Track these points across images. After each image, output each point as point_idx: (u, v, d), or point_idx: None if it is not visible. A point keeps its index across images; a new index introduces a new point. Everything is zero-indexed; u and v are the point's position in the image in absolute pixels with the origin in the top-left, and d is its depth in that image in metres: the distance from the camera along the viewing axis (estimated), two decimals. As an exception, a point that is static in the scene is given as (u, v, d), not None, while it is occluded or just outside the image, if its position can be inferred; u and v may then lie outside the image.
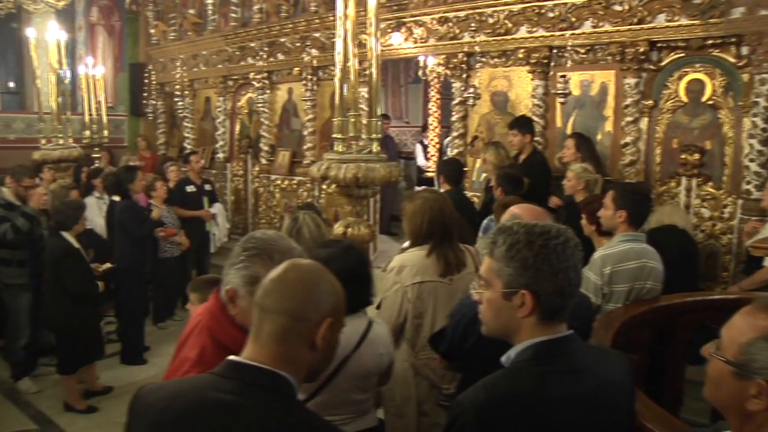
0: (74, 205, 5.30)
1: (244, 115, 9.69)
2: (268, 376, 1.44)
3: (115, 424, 5.03)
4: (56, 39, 6.50)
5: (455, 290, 3.16)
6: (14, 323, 5.62)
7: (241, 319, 1.81)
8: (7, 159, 9.56)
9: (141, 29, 11.99)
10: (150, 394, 1.52)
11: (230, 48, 9.61)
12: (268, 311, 1.48)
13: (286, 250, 1.82)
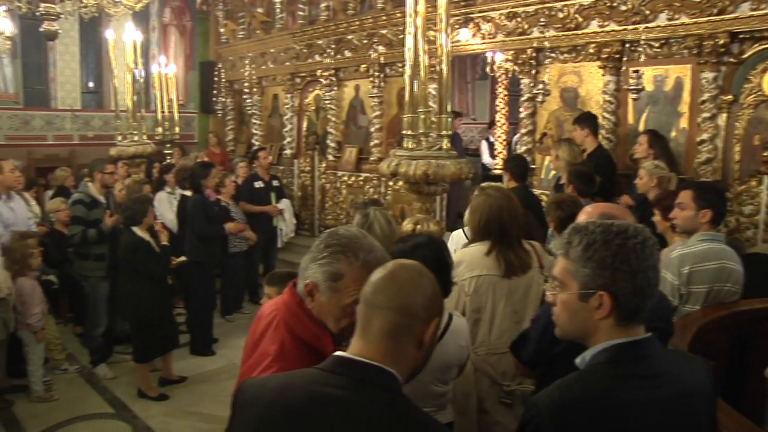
0: (141, 200, 5.47)
1: (312, 112, 9.81)
2: (377, 373, 1.44)
3: (186, 412, 5.20)
4: (132, 40, 6.70)
5: (516, 286, 3.12)
6: (93, 312, 5.86)
7: (318, 313, 1.82)
8: (86, 155, 10.00)
9: (211, 29, 12.30)
10: (255, 388, 1.53)
11: (298, 45, 9.74)
12: (379, 308, 1.48)
13: (370, 248, 1.82)
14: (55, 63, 10.97)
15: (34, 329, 5.26)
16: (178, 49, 12.34)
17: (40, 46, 10.84)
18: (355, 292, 1.74)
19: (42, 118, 10.79)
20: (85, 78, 11.58)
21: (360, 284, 1.72)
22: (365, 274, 1.72)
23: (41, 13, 4.74)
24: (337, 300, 1.79)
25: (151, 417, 5.11)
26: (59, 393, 5.47)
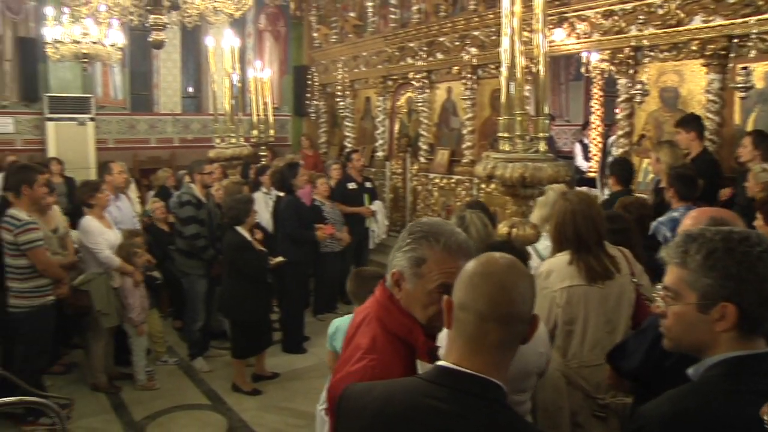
0: (244, 200, 5.64)
1: (404, 114, 9.87)
2: (482, 384, 1.42)
3: (278, 407, 5.34)
4: (231, 46, 6.93)
5: (607, 295, 3.02)
6: (192, 308, 6.11)
7: (406, 303, 1.82)
8: (186, 157, 10.44)
9: (304, 33, 12.58)
10: (358, 397, 1.55)
11: (390, 48, 9.82)
12: (489, 320, 1.44)
13: (450, 232, 1.82)
14: (158, 70, 11.53)
15: (134, 323, 5.56)
16: (273, 54, 12.69)
17: (145, 55, 11.44)
18: (438, 276, 1.75)
19: (146, 122, 11.38)
20: (185, 83, 12.10)
21: (443, 268, 1.75)
22: (447, 258, 1.75)
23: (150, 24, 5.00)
24: (422, 286, 1.78)
25: (244, 410, 5.28)
26: (160, 383, 5.74)
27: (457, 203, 8.49)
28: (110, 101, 11.04)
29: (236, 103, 6.89)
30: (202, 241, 5.94)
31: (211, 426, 5.05)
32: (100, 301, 5.33)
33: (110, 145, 10.85)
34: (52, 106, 10.11)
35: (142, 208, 7.63)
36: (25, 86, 10.28)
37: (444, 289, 1.73)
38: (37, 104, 10.30)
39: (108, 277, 5.41)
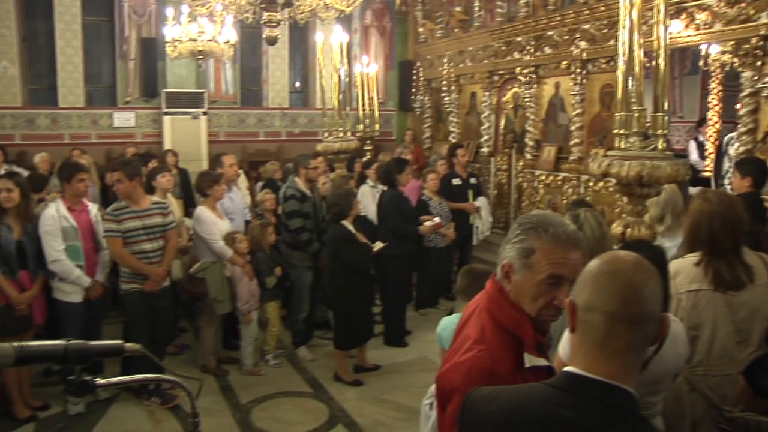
0: (345, 194, 5.71)
1: (509, 110, 9.72)
2: (615, 393, 1.36)
3: (378, 399, 5.39)
4: (339, 42, 7.05)
5: (739, 304, 2.83)
6: (297, 299, 6.25)
7: (515, 295, 1.81)
8: (292, 150, 10.73)
9: (410, 29, 12.61)
10: (483, 405, 1.51)
11: (496, 43, 9.68)
12: (619, 320, 1.37)
13: (559, 223, 1.79)
14: (267, 66, 11.90)
15: (242, 311, 5.76)
16: (378, 50, 12.81)
17: (255, 52, 11.83)
18: (547, 267, 1.73)
19: (255, 116, 11.78)
20: (293, 79, 12.43)
21: (551, 258, 1.73)
22: (556, 248, 1.72)
23: (264, 21, 5.16)
24: (532, 277, 1.76)
25: (345, 400, 5.37)
26: (265, 369, 5.95)
27: (563, 201, 8.29)
28: (222, 96, 11.52)
29: (344, 97, 7.00)
30: (306, 235, 6.07)
31: (312, 413, 5.17)
32: (214, 289, 5.58)
33: (221, 138, 11.32)
34: (168, 101, 10.67)
35: (251, 200, 7.90)
36: (146, 83, 10.90)
37: (553, 279, 1.72)
38: (155, 100, 10.90)
39: (222, 266, 5.65)
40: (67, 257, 4.91)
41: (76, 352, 1.65)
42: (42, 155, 8.53)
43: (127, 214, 5.06)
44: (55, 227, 4.89)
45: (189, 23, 8.24)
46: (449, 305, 7.69)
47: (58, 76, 10.62)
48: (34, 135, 10.40)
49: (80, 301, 5.04)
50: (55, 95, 10.68)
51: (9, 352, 1.57)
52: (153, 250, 5.15)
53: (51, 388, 5.39)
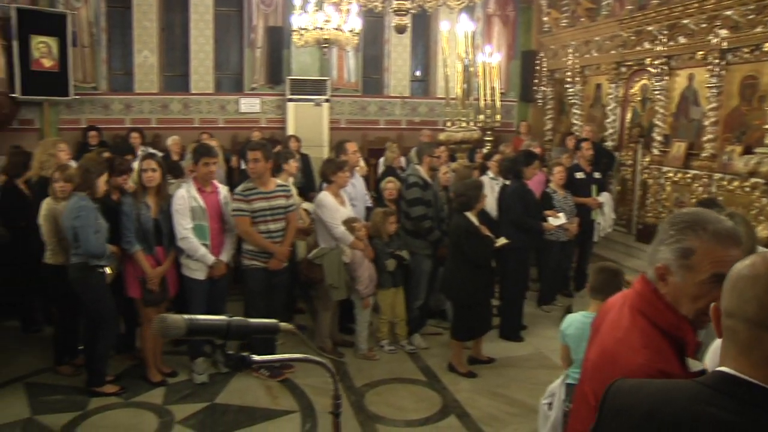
0: (475, 185, 5.66)
1: (637, 103, 9.30)
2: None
3: (492, 392, 5.32)
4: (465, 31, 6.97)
5: None
6: (415, 286, 6.26)
7: (673, 297, 1.72)
8: (412, 138, 10.80)
9: (534, 18, 12.35)
10: (628, 394, 1.47)
11: (625, 33, 9.28)
12: (760, 327, 1.29)
13: (716, 219, 1.69)
14: (389, 54, 12.00)
15: (360, 295, 5.84)
16: (501, 39, 12.60)
17: (377, 40, 11.94)
18: (709, 266, 1.64)
19: (376, 104, 11.93)
20: (414, 67, 12.46)
21: (713, 257, 1.64)
22: (717, 246, 1.63)
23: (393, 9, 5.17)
24: (692, 278, 1.67)
25: (459, 391, 5.34)
26: (379, 354, 6.02)
27: (691, 200, 7.85)
28: (344, 84, 11.75)
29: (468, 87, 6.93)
30: (427, 223, 6.06)
31: (425, 401, 5.18)
32: (331, 275, 5.69)
33: (342, 125, 11.55)
34: (292, 88, 10.99)
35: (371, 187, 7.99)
36: (271, 70, 11.28)
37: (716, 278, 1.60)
38: (280, 86, 11.28)
39: (340, 252, 5.75)
40: (195, 236, 5.18)
41: (237, 329, 1.74)
42: (174, 138, 9.02)
43: (256, 194, 5.28)
44: (184, 206, 5.17)
45: (316, 12, 8.40)
46: (566, 302, 7.51)
47: (190, 64, 11.25)
48: (168, 119, 11.07)
49: (204, 278, 5.29)
50: (187, 82, 11.32)
51: (181, 324, 1.68)
52: (277, 230, 5.36)
53: (179, 357, 5.74)
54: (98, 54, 10.89)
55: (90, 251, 4.84)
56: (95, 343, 5.11)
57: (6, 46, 9.52)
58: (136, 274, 5.15)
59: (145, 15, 10.98)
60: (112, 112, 10.92)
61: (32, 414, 4.86)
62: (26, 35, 9.64)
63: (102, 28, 10.90)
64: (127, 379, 5.38)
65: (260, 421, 4.83)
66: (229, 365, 1.76)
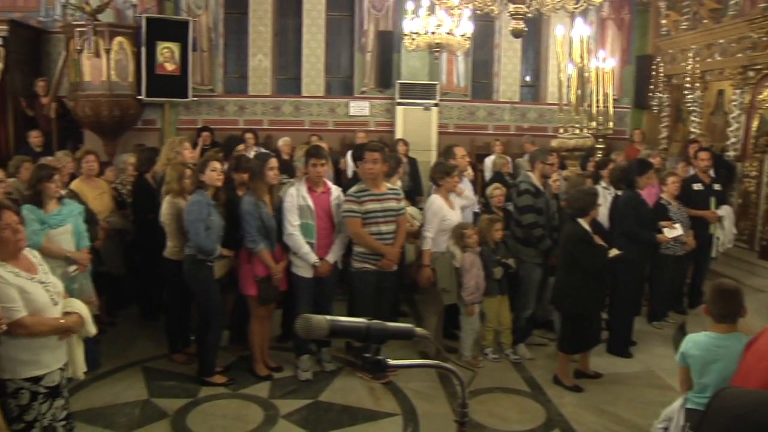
0: (590, 192, 5.51)
1: (765, 110, 8.74)
2: None
3: (599, 409, 5.16)
4: (580, 35, 6.80)
5: None
6: (524, 295, 6.15)
7: None
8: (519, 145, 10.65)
9: (651, 20, 11.84)
10: (732, 398, 1.47)
11: (755, 34, 8.70)
12: None
13: None
14: (499, 59, 11.89)
15: (465, 302, 5.80)
16: (615, 43, 12.18)
17: (487, 44, 11.84)
18: None
19: (485, 110, 11.83)
20: (524, 72, 12.27)
21: None
22: None
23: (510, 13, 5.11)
24: None
25: (564, 405, 5.21)
26: (483, 362, 5.97)
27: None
28: (453, 88, 11.72)
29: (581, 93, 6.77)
30: (539, 231, 5.94)
31: (529, 413, 5.10)
32: (443, 279, 5.70)
33: (450, 130, 11.52)
34: (402, 92, 11.07)
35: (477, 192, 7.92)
36: (381, 74, 11.43)
37: None
38: (389, 90, 11.38)
39: (451, 256, 5.74)
40: (301, 233, 5.33)
41: (376, 332, 1.79)
42: (285, 139, 9.30)
43: (368, 196, 5.37)
44: (293, 204, 5.34)
45: (428, 16, 8.43)
46: (679, 319, 7.18)
47: (302, 68, 11.57)
48: (279, 121, 11.42)
49: (310, 276, 5.43)
50: (298, 85, 11.64)
51: (324, 324, 1.74)
52: (388, 232, 5.42)
53: (284, 353, 5.91)
54: (215, 58, 11.39)
55: (199, 245, 5.08)
56: (205, 334, 5.37)
57: (135, 52, 10.14)
58: (254, 273, 5.33)
59: (260, 20, 11.40)
60: (226, 114, 11.38)
61: (149, 396, 5.19)
62: (153, 42, 10.23)
63: (220, 34, 11.39)
64: (235, 371, 5.61)
65: (362, 422, 4.89)
66: (365, 368, 1.79)
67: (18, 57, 10.41)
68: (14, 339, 3.20)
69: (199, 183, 5.19)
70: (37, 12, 11.06)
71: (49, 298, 3.35)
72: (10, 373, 3.23)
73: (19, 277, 3.25)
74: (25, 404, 3.25)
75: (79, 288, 4.94)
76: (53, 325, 3.35)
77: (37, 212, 4.78)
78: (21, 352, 3.24)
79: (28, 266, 3.39)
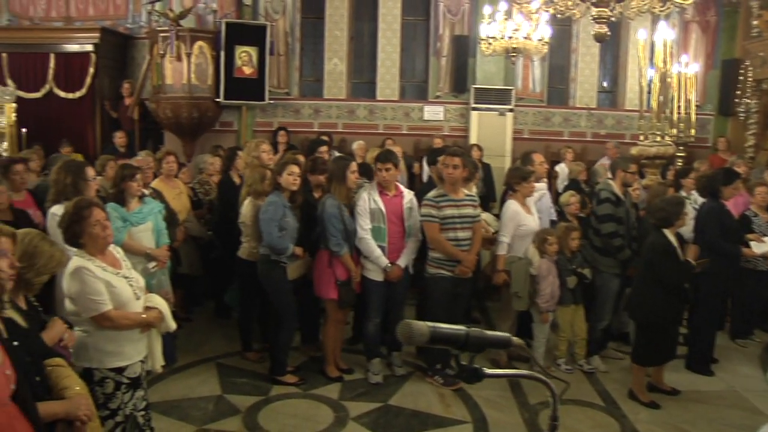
0: (676, 202, 5.32)
1: None
2: None
3: (677, 427, 4.98)
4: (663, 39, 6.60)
5: None
6: (601, 306, 5.99)
7: None
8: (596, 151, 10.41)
9: (740, 22, 11.35)
10: None
11: None
12: None
13: None
14: (576, 64, 11.65)
15: (540, 309, 5.71)
16: (699, 47, 11.75)
17: (563, 48, 11.62)
18: None
19: (560, 116, 11.62)
20: (601, 78, 11.98)
21: None
22: None
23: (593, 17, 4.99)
24: None
25: (639, 421, 5.04)
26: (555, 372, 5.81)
27: None
28: (528, 94, 11.56)
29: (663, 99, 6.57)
30: (618, 240, 5.77)
31: (602, 428, 4.96)
32: (517, 283, 5.63)
33: (525, 136, 11.37)
34: (477, 97, 10.99)
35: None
36: (456, 79, 11.38)
37: None
38: (464, 95, 11.32)
39: (528, 263, 5.66)
40: (372, 237, 5.36)
41: (475, 340, 1.77)
42: (359, 143, 9.36)
43: (446, 201, 5.35)
44: (364, 208, 5.39)
45: (505, 20, 8.35)
46: (765, 338, 6.85)
47: (377, 72, 11.63)
48: (354, 124, 11.52)
49: (381, 280, 5.45)
50: (373, 89, 11.72)
51: (425, 331, 1.74)
52: (465, 238, 5.38)
53: (354, 356, 5.96)
54: (292, 62, 11.59)
55: (271, 244, 5.17)
56: (277, 334, 5.46)
57: (215, 56, 10.45)
58: (335, 277, 5.38)
59: (336, 25, 11.55)
60: (302, 117, 11.56)
61: (222, 392, 5.30)
62: (232, 46, 10.53)
63: (296, 38, 11.60)
64: (306, 372, 5.67)
65: (432, 428, 4.87)
66: (461, 376, 1.79)
67: (106, 62, 11.02)
68: (101, 331, 3.36)
69: (277, 184, 5.29)
70: (125, 19, 11.62)
71: (132, 293, 3.48)
72: (97, 362, 3.38)
73: (105, 271, 3.39)
74: (110, 393, 3.40)
75: (157, 284, 5.09)
76: (136, 319, 3.47)
77: (120, 210, 4.97)
78: (107, 343, 3.39)
79: (113, 261, 3.53)
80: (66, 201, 4.28)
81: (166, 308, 3.70)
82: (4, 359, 2.16)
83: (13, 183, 5.29)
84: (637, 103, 7.04)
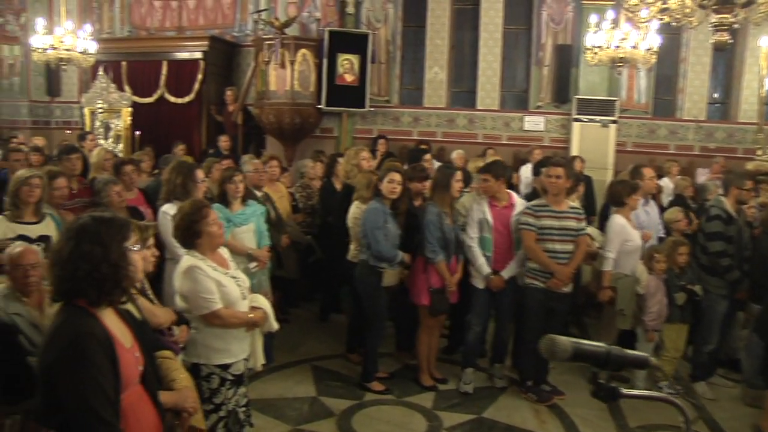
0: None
1: None
2: None
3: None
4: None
5: None
6: (707, 327, 5.72)
7: None
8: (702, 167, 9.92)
9: None
10: None
11: None
12: None
13: None
14: (685, 74, 11.12)
15: (646, 327, 5.52)
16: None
17: (671, 58, 11.12)
18: None
19: (667, 128, 11.10)
20: (712, 89, 11.40)
21: None
22: None
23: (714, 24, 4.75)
24: None
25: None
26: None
27: None
28: (633, 105, 11.13)
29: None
30: (726, 260, 5.49)
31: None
32: (622, 301, 5.49)
33: (628, 148, 10.95)
34: (579, 108, 10.68)
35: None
36: (558, 89, 11.11)
37: None
38: (566, 105, 11.04)
39: (635, 281, 5.47)
40: (478, 246, 5.38)
41: (615, 358, 1.78)
42: (458, 152, 9.31)
43: (546, 212, 5.28)
44: (473, 218, 5.42)
45: (612, 29, 8.10)
46: None
47: (478, 81, 11.52)
48: (453, 133, 11.48)
49: (483, 287, 5.45)
50: (473, 98, 11.62)
51: (568, 347, 1.75)
52: (563, 251, 5.26)
53: (450, 366, 5.92)
54: (392, 70, 11.68)
55: (380, 252, 5.20)
56: (366, 339, 5.54)
57: (317, 63, 10.70)
58: (428, 283, 5.38)
59: (437, 33, 11.55)
60: (401, 124, 11.63)
61: (317, 394, 5.40)
62: (334, 54, 10.76)
63: (397, 46, 11.68)
64: (400, 380, 5.69)
65: (525, 444, 4.77)
66: (597, 394, 1.77)
67: (214, 69, 11.55)
68: (210, 328, 3.48)
69: (377, 191, 5.33)
70: (232, 27, 12.07)
71: (239, 293, 3.60)
72: (205, 358, 3.52)
73: (216, 271, 3.52)
74: (215, 388, 3.53)
75: (257, 284, 5.21)
76: (244, 318, 3.59)
77: (224, 211, 5.13)
78: (215, 340, 3.51)
79: (222, 261, 3.66)
80: (176, 200, 4.49)
81: (270, 309, 3.80)
82: (134, 343, 2.28)
83: (124, 182, 5.64)
84: (753, 115, 6.64)
